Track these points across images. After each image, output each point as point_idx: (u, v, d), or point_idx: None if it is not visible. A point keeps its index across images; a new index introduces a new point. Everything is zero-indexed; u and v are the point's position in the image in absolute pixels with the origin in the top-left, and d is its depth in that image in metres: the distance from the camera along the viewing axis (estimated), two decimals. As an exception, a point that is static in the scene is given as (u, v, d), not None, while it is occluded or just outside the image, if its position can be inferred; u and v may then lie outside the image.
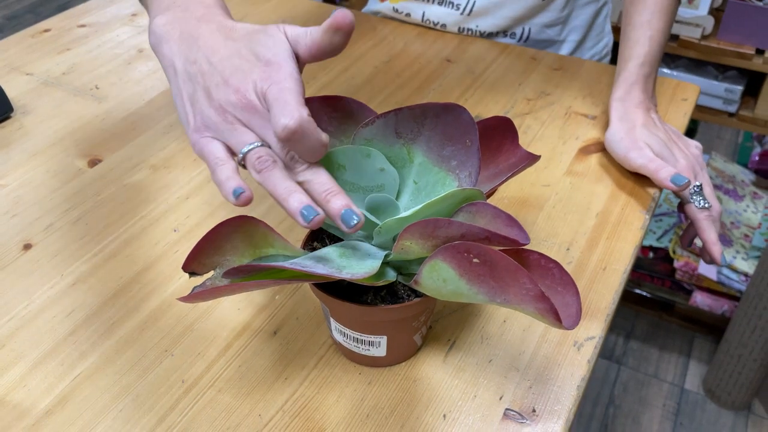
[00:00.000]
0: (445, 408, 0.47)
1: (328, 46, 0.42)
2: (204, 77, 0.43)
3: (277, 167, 0.41)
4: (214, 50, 0.44)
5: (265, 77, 0.42)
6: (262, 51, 0.43)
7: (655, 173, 0.62)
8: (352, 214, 0.39)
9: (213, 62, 0.43)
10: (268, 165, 0.41)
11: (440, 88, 0.80)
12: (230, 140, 0.43)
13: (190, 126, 0.44)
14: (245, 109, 0.42)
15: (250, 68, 0.42)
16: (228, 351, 0.51)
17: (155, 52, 0.47)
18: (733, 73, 1.51)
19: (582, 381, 0.48)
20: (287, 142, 0.40)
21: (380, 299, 0.45)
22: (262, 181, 0.41)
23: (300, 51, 0.43)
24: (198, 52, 0.44)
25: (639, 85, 0.69)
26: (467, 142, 0.43)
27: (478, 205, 0.40)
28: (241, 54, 0.43)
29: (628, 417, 1.46)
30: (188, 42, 0.45)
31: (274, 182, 0.41)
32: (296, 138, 0.39)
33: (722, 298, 1.53)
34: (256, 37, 0.44)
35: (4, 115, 0.75)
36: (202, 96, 0.43)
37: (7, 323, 0.53)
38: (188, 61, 0.44)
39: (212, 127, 0.43)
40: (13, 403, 0.47)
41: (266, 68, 0.42)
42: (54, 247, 0.60)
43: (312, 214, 0.39)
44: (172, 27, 0.46)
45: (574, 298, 0.39)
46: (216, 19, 0.46)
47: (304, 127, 0.39)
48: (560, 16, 0.89)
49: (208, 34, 0.45)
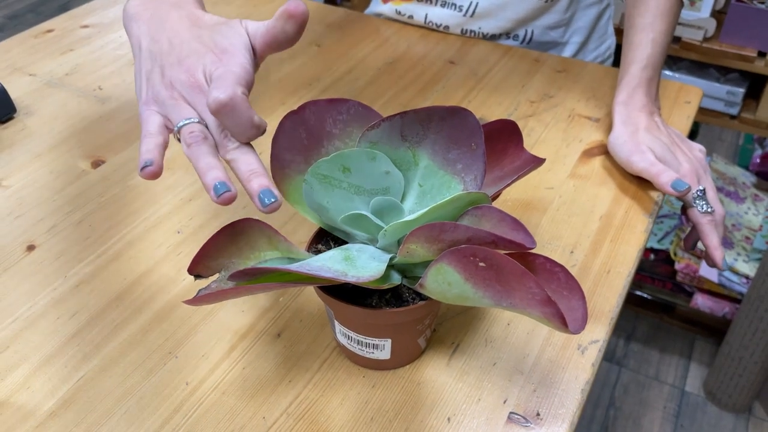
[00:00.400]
0: (450, 411, 0.47)
1: (280, 33, 0.46)
2: (162, 56, 0.47)
3: (205, 143, 0.44)
4: (177, 33, 0.47)
5: (215, 61, 0.45)
6: (220, 40, 0.46)
7: (656, 177, 0.62)
8: (270, 195, 0.41)
9: (174, 43, 0.47)
10: (197, 140, 0.44)
11: (443, 90, 0.80)
12: (171, 114, 0.45)
13: (141, 99, 0.47)
14: (191, 88, 0.45)
15: (205, 53, 0.46)
16: (232, 353, 0.51)
17: (126, 31, 0.51)
18: (735, 75, 1.51)
19: (586, 384, 0.48)
20: (217, 116, 0.42)
21: (385, 302, 0.45)
22: (189, 154, 0.44)
23: (257, 43, 0.47)
24: (162, 33, 0.48)
25: (642, 89, 0.69)
26: (473, 145, 0.43)
27: (484, 209, 0.40)
28: (201, 39, 0.47)
29: (629, 419, 1.46)
30: (156, 23, 0.49)
31: (198, 156, 0.43)
32: (226, 112, 0.41)
33: (723, 300, 1.53)
34: (218, 28, 0.47)
35: (7, 115, 0.75)
36: (157, 73, 0.47)
37: (10, 325, 0.53)
38: (152, 40, 0.48)
39: (159, 101, 0.46)
40: (17, 404, 0.47)
41: (220, 54, 0.45)
42: (57, 248, 0.60)
43: (223, 189, 0.41)
44: (144, 8, 0.50)
45: (579, 303, 0.39)
46: (187, 8, 0.50)
47: (235, 102, 0.41)
48: (563, 18, 0.89)
49: (176, 19, 0.48)
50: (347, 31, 0.93)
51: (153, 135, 0.45)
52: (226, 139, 0.44)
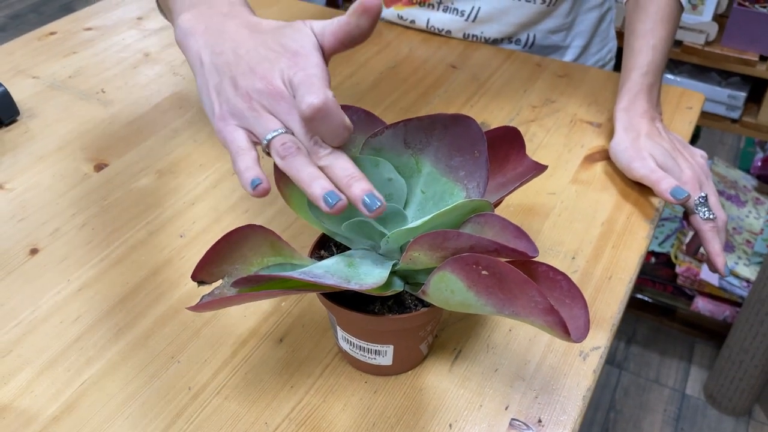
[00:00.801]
0: (451, 417, 0.47)
1: (355, 29, 0.43)
2: (230, 67, 0.44)
3: (300, 153, 0.42)
4: (240, 42, 0.45)
5: (291, 65, 0.43)
6: (288, 42, 0.44)
7: (656, 184, 0.62)
8: (375, 199, 0.40)
9: (239, 53, 0.44)
10: (291, 151, 0.41)
11: (445, 95, 0.80)
12: (255, 127, 0.43)
13: (215, 115, 0.44)
14: (271, 96, 0.42)
15: (277, 57, 0.43)
16: (234, 358, 0.51)
17: (181, 47, 0.48)
18: (737, 79, 1.51)
19: (588, 391, 0.48)
20: (311, 122, 0.40)
21: (387, 309, 0.45)
22: (286, 166, 0.41)
23: (326, 41, 0.44)
24: (224, 44, 0.45)
25: (643, 95, 0.69)
26: (476, 152, 0.44)
27: (487, 217, 0.41)
28: (267, 45, 0.44)
29: (629, 422, 1.46)
30: (215, 35, 0.46)
31: (297, 168, 0.41)
32: (320, 117, 0.40)
33: (724, 303, 1.53)
34: (282, 31, 0.45)
35: (11, 118, 0.75)
36: (228, 85, 0.44)
37: (13, 329, 0.53)
38: (214, 53, 0.45)
39: (237, 114, 0.44)
40: (20, 409, 0.48)
41: (293, 57, 0.43)
42: (60, 252, 0.60)
43: (335, 199, 0.40)
44: (197, 22, 0.47)
45: (582, 311, 0.39)
46: (241, 15, 0.47)
47: (328, 106, 0.40)
48: (565, 22, 0.89)
49: (234, 28, 0.46)
50: (350, 35, 0.93)
51: (246, 150, 0.42)
52: (316, 145, 0.42)
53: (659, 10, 0.71)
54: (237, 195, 0.66)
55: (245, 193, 0.66)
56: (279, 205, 0.64)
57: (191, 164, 0.70)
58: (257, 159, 0.43)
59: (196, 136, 0.74)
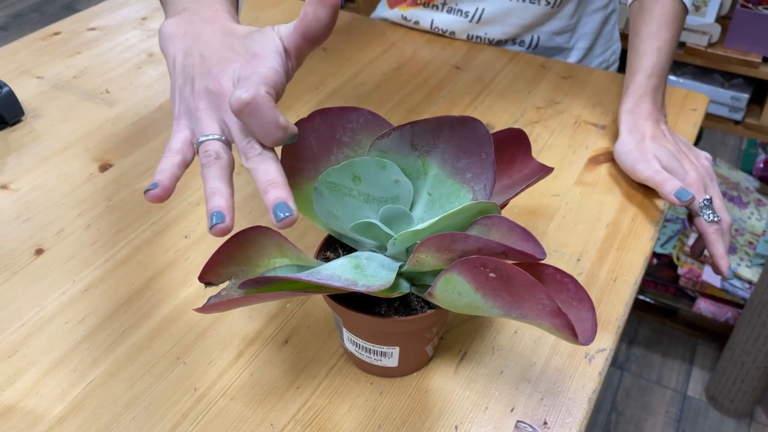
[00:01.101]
0: (457, 419, 0.47)
1: (313, 20, 0.43)
2: (194, 68, 0.46)
3: (217, 164, 0.42)
4: (209, 45, 0.46)
5: (245, 65, 0.44)
6: (251, 45, 0.45)
7: (660, 186, 0.62)
8: (285, 209, 0.39)
9: (205, 55, 0.46)
10: (210, 160, 0.42)
11: (450, 96, 0.80)
12: (195, 128, 0.44)
13: (174, 115, 0.46)
14: (217, 95, 0.44)
15: (235, 59, 0.45)
16: (240, 359, 0.51)
17: (162, 52, 0.49)
18: (740, 81, 1.51)
19: (593, 393, 0.48)
20: (240, 116, 0.41)
21: (393, 310, 0.45)
22: (202, 174, 0.43)
23: (290, 40, 0.45)
24: (195, 47, 0.47)
25: (648, 97, 0.69)
26: (482, 155, 0.44)
27: (494, 219, 0.41)
28: (232, 48, 0.46)
29: (631, 423, 1.46)
30: (190, 39, 0.47)
31: (207, 178, 0.42)
32: (248, 111, 0.40)
33: (726, 305, 1.53)
34: (250, 35, 0.46)
35: (15, 118, 0.75)
36: (188, 86, 0.46)
37: (19, 329, 0.53)
38: (186, 55, 0.47)
39: (189, 115, 0.45)
40: (26, 409, 0.48)
41: (251, 59, 0.44)
42: (66, 252, 0.60)
43: (217, 220, 0.39)
44: (178, 27, 0.49)
45: (589, 314, 0.39)
46: (221, 21, 0.49)
47: (257, 102, 0.40)
48: (569, 24, 0.89)
49: (209, 33, 0.47)
50: (353, 36, 0.93)
51: (172, 153, 0.43)
52: (248, 145, 0.42)
53: (664, 12, 0.71)
54: (241, 196, 0.66)
55: (250, 194, 0.66)
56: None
57: (195, 165, 0.69)
58: (178, 164, 0.43)
59: (200, 137, 0.73)
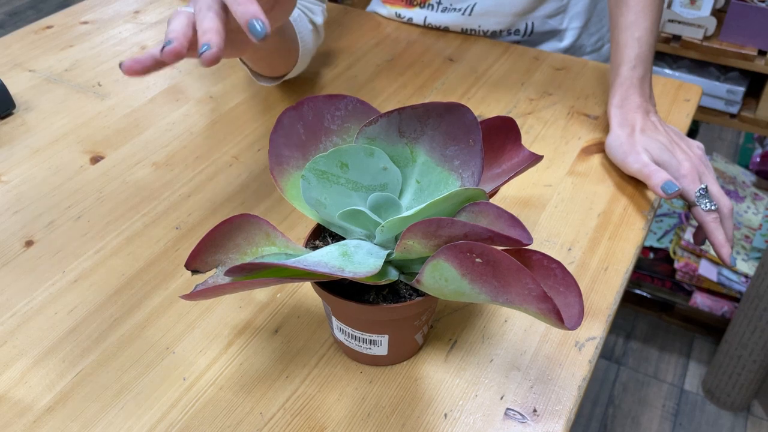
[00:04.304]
0: (446, 407, 0.47)
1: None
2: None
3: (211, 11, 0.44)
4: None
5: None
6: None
7: (648, 179, 0.62)
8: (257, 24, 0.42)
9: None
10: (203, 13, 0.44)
11: (443, 87, 0.80)
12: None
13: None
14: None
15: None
16: (229, 349, 0.51)
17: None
18: (735, 74, 1.51)
19: (583, 381, 0.48)
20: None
21: (382, 298, 0.45)
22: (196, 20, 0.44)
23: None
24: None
25: (635, 89, 0.68)
26: (470, 141, 0.43)
27: (481, 205, 0.40)
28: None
29: (628, 417, 1.46)
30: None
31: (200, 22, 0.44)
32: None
33: (722, 299, 1.53)
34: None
35: (7, 111, 0.75)
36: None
37: (8, 320, 0.53)
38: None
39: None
40: (14, 399, 0.47)
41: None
42: (56, 243, 0.60)
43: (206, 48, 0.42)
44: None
45: (576, 299, 0.39)
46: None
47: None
48: (560, 5, 0.89)
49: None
50: (347, 28, 0.93)
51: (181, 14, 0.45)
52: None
53: (640, 1, 0.70)
54: (233, 187, 0.65)
55: (241, 185, 0.66)
56: (275, 196, 0.64)
57: (187, 156, 0.69)
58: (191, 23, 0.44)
59: (192, 129, 0.73)
